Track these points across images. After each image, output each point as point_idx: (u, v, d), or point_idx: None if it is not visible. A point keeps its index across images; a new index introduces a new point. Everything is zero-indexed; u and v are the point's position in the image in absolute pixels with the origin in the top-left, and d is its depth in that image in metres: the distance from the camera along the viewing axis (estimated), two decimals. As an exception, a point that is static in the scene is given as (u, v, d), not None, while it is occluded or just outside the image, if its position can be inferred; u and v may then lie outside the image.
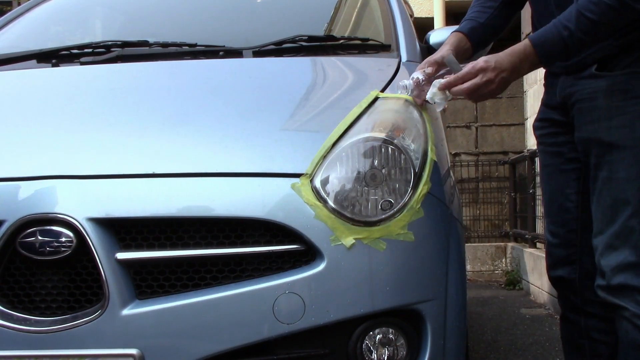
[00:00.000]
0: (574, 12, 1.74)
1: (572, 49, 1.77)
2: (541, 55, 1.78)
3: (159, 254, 1.64)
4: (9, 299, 1.65)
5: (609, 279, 1.82)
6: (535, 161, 6.29)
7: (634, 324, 1.79)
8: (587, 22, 1.72)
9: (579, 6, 1.74)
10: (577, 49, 1.78)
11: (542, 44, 1.78)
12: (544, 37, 1.78)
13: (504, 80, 1.80)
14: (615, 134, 1.80)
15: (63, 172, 1.69)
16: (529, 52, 1.79)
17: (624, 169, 1.79)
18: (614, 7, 1.70)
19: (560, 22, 1.76)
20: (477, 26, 2.11)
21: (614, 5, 1.70)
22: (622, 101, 1.80)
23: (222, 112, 1.93)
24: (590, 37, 1.75)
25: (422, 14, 8.96)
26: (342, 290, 1.64)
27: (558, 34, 1.75)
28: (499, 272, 7.30)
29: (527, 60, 1.79)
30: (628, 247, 1.79)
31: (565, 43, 1.75)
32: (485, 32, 2.13)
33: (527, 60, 1.79)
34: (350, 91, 2.09)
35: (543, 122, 2.08)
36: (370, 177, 1.70)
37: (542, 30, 1.79)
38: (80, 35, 2.91)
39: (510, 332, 4.38)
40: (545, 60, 1.81)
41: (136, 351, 1.60)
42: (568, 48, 1.76)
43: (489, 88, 1.80)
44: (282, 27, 2.66)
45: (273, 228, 1.66)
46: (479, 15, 2.12)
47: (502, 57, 1.80)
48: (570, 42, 1.75)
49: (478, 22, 2.11)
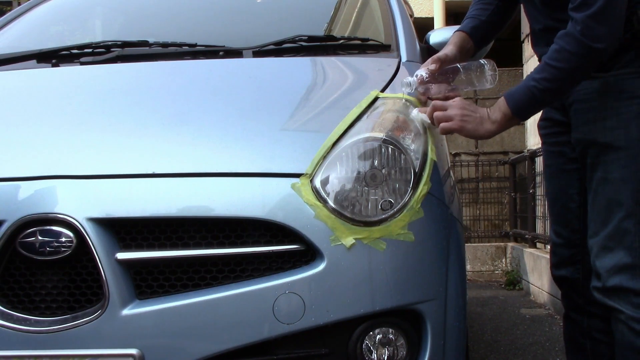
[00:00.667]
0: (541, 63, 1.79)
1: (541, 98, 1.80)
2: (511, 105, 1.82)
3: (159, 254, 1.64)
4: (9, 299, 1.65)
5: (604, 281, 1.81)
6: (535, 161, 6.29)
7: (630, 327, 1.79)
8: (553, 71, 1.76)
9: (545, 57, 1.79)
10: (548, 97, 1.82)
11: (512, 94, 1.83)
12: (515, 89, 1.84)
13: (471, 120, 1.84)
14: (609, 135, 1.80)
15: (63, 172, 1.69)
16: (501, 102, 1.84)
17: (618, 169, 1.79)
18: (575, 52, 1.73)
19: (530, 74, 1.81)
20: (478, 24, 2.13)
21: (575, 50, 1.72)
22: (616, 102, 1.80)
23: (222, 112, 1.93)
24: (558, 84, 1.78)
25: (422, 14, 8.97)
26: (342, 290, 1.64)
27: (525, 85, 1.80)
28: (499, 272, 7.30)
29: (499, 109, 1.84)
30: (622, 248, 1.78)
31: (532, 93, 1.79)
32: (486, 29, 2.15)
33: (498, 110, 1.84)
34: (350, 91, 2.09)
35: (546, 121, 2.08)
36: (370, 177, 1.70)
37: (517, 86, 1.85)
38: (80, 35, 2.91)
39: (510, 332, 4.38)
40: (516, 110, 1.82)
41: (136, 351, 1.60)
42: (536, 98, 1.79)
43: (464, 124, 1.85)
44: (282, 27, 2.66)
45: (273, 228, 1.66)
46: (480, 13, 2.14)
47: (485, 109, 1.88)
48: (537, 92, 1.78)
49: (479, 20, 2.13)
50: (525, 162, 6.67)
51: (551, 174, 2.09)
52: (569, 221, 2.03)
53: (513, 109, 1.82)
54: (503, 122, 1.84)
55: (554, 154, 2.06)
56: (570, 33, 1.73)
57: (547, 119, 2.08)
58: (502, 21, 2.19)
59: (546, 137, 2.09)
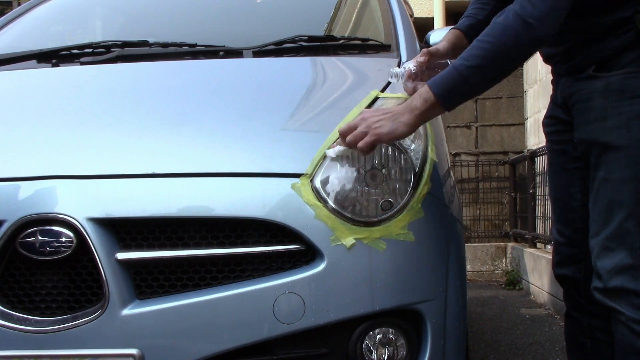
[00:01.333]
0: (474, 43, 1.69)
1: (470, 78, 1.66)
2: (434, 89, 1.67)
3: (159, 254, 1.64)
4: (9, 299, 1.65)
5: (605, 282, 1.81)
6: (535, 161, 6.29)
7: (630, 328, 1.78)
8: (483, 45, 1.66)
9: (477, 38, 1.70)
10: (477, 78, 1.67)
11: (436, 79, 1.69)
12: (440, 75, 1.70)
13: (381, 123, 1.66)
14: (610, 135, 1.79)
15: (63, 172, 1.69)
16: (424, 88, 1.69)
17: (619, 169, 1.78)
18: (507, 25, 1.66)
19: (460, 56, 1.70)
20: (475, 23, 2.11)
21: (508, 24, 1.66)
22: (617, 101, 1.79)
23: (222, 112, 1.93)
24: (487, 61, 1.66)
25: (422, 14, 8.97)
26: (342, 290, 1.64)
27: (452, 66, 1.68)
28: (499, 272, 7.30)
29: (419, 96, 1.68)
30: (624, 249, 1.78)
31: (459, 72, 1.66)
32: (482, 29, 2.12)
33: (419, 97, 1.68)
34: (350, 91, 2.09)
35: (550, 119, 2.07)
36: (370, 177, 1.70)
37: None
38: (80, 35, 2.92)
39: (511, 332, 4.38)
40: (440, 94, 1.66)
41: (136, 351, 1.60)
42: (463, 77, 1.65)
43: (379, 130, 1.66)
44: (282, 27, 2.66)
45: (273, 228, 1.66)
46: (477, 13, 2.13)
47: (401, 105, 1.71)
48: (464, 70, 1.65)
49: (476, 19, 2.11)
50: (525, 162, 6.67)
51: (554, 173, 2.08)
52: (572, 220, 2.02)
53: (436, 93, 1.66)
54: (424, 109, 1.66)
55: (557, 152, 2.05)
56: (508, 9, 1.69)
57: (551, 117, 2.07)
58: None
59: (550, 135, 2.08)
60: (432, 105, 1.67)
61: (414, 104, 1.68)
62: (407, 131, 1.68)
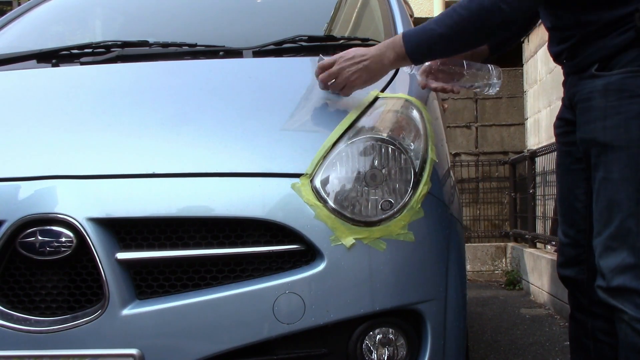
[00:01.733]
0: (449, 8, 1.81)
1: (438, 43, 1.81)
2: (407, 45, 1.82)
3: (159, 254, 1.64)
4: (9, 299, 1.65)
5: (608, 281, 1.81)
6: (535, 161, 6.29)
7: (633, 328, 1.79)
8: (454, 15, 1.78)
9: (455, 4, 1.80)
10: (442, 44, 1.82)
11: (410, 34, 1.84)
12: (414, 30, 1.85)
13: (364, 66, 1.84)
14: (610, 134, 1.80)
15: (63, 172, 1.69)
16: (397, 40, 1.84)
17: (619, 169, 1.79)
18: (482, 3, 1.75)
19: (434, 18, 1.82)
20: None
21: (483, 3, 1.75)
22: (616, 101, 1.79)
23: (222, 112, 1.93)
24: (455, 31, 1.79)
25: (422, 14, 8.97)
26: (342, 290, 1.64)
27: (425, 26, 1.82)
28: (499, 272, 7.30)
29: (392, 49, 1.84)
30: (626, 248, 1.78)
31: (430, 35, 1.80)
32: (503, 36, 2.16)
33: (392, 49, 1.84)
34: (350, 91, 2.08)
35: (560, 120, 2.08)
36: (370, 177, 1.70)
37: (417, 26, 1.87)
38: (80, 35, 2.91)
39: (511, 332, 4.38)
40: (411, 50, 1.82)
41: (136, 351, 1.60)
42: (432, 40, 1.80)
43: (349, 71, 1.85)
44: (282, 27, 2.66)
45: (273, 228, 1.66)
46: None
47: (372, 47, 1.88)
48: (435, 35, 1.80)
49: None
50: (525, 162, 6.67)
51: (561, 174, 2.09)
52: (575, 221, 2.03)
53: (408, 49, 1.83)
54: (394, 62, 1.86)
55: (564, 154, 2.07)
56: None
57: (561, 119, 2.08)
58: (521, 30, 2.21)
59: (559, 137, 2.09)
60: (402, 58, 1.84)
61: (387, 56, 1.84)
62: (379, 78, 1.88)
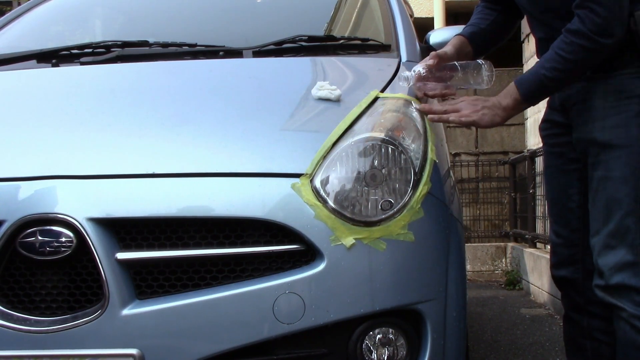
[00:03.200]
0: (551, 52, 1.84)
1: (550, 86, 1.87)
2: (522, 91, 1.89)
3: (159, 254, 1.64)
4: (9, 299, 1.65)
5: (607, 279, 1.82)
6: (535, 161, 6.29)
7: (632, 325, 1.80)
8: (563, 61, 1.82)
9: (555, 46, 1.83)
10: (556, 85, 1.89)
11: (523, 81, 1.90)
12: (526, 76, 1.91)
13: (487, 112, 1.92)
14: (609, 134, 1.82)
15: (63, 172, 1.69)
16: (512, 88, 1.90)
17: (618, 168, 1.80)
18: (585, 47, 1.78)
19: (540, 62, 1.87)
20: (478, 31, 2.16)
21: (585, 44, 1.78)
22: (616, 101, 1.82)
23: (222, 112, 1.93)
24: (567, 74, 1.84)
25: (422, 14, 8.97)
26: (342, 290, 1.64)
27: (536, 72, 1.87)
28: (499, 272, 7.30)
29: (509, 96, 1.91)
30: (624, 246, 1.80)
31: (541, 81, 1.85)
32: (485, 38, 2.19)
33: (509, 96, 1.91)
34: (350, 91, 2.08)
35: (547, 123, 2.10)
36: (370, 177, 1.70)
37: (527, 72, 1.93)
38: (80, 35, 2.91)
39: (511, 332, 4.38)
40: (526, 96, 1.90)
41: (136, 351, 1.60)
42: (544, 85, 1.86)
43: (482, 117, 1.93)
44: (282, 27, 2.66)
45: (273, 228, 1.66)
46: (480, 22, 2.18)
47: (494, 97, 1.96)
48: (546, 80, 1.84)
49: (479, 28, 2.17)
50: (525, 162, 6.67)
51: (551, 174, 2.10)
52: (569, 221, 2.04)
53: (524, 95, 1.89)
54: (514, 107, 1.91)
55: (554, 155, 2.07)
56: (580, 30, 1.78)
57: (548, 121, 2.09)
58: (502, 32, 2.24)
59: (547, 139, 2.11)
60: (520, 104, 1.92)
61: (506, 103, 1.92)
62: (499, 122, 1.96)
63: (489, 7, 2.20)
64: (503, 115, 1.92)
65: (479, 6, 2.23)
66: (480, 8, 2.22)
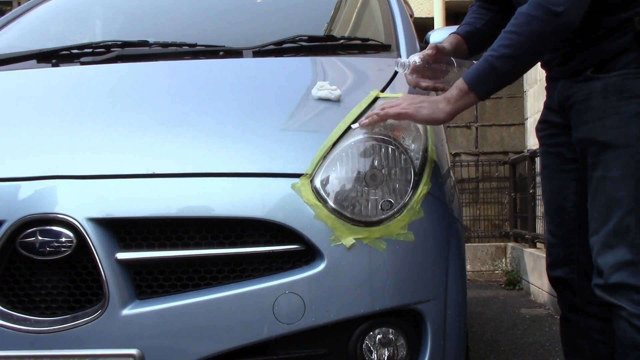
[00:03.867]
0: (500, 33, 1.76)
1: (499, 68, 1.74)
2: (467, 79, 1.77)
3: (159, 254, 1.64)
4: (9, 299, 1.65)
5: (606, 278, 1.83)
6: (535, 161, 6.29)
7: (631, 324, 1.80)
8: (511, 36, 1.73)
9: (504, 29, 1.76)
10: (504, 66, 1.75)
11: (469, 71, 1.79)
12: (473, 66, 1.80)
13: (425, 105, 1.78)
14: (609, 134, 1.82)
15: (63, 172, 1.69)
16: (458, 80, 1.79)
17: (618, 167, 1.81)
18: (534, 15, 1.71)
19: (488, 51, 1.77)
20: (473, 30, 2.16)
21: (534, 13, 1.70)
22: (616, 101, 1.82)
23: (222, 112, 1.93)
24: (517, 50, 1.73)
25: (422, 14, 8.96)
26: (342, 290, 1.64)
27: (482, 58, 1.77)
28: (499, 272, 7.30)
29: (455, 87, 1.79)
30: (624, 245, 1.80)
31: (489, 63, 1.75)
32: (481, 37, 2.18)
33: (455, 88, 1.78)
34: (350, 91, 2.09)
35: (544, 124, 2.10)
36: (370, 177, 1.70)
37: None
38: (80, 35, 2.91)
39: (511, 332, 4.38)
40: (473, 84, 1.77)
41: (136, 351, 1.60)
42: (494, 68, 1.74)
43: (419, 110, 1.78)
44: (282, 27, 2.66)
45: (273, 228, 1.66)
46: (475, 21, 2.18)
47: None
48: (495, 61, 1.74)
49: (474, 27, 2.17)
50: (525, 162, 6.67)
51: (548, 175, 2.10)
52: (565, 221, 2.04)
53: (469, 82, 1.77)
54: (459, 98, 1.77)
55: (551, 155, 2.08)
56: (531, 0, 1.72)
57: (544, 122, 2.10)
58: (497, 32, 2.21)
59: (544, 139, 2.11)
60: (465, 94, 1.77)
61: (450, 94, 1.78)
62: (443, 118, 1.79)
63: (484, 6, 2.19)
64: (446, 109, 1.77)
65: (474, 5, 2.23)
66: (475, 7, 2.22)
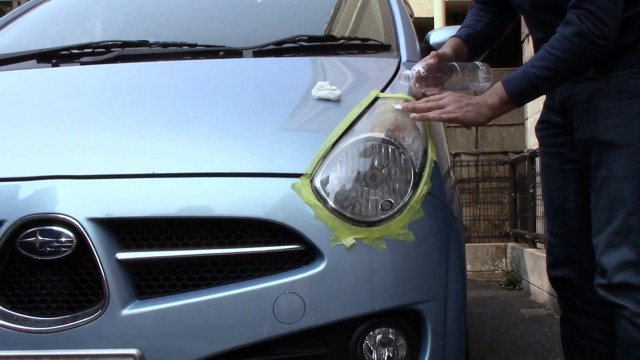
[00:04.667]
0: (542, 50, 1.81)
1: (539, 85, 1.82)
2: (509, 90, 1.83)
3: (159, 254, 1.64)
4: (9, 299, 1.65)
5: (609, 278, 1.83)
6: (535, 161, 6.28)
7: (634, 323, 1.80)
8: (554, 60, 1.78)
9: (547, 45, 1.80)
10: (546, 85, 1.84)
11: (510, 79, 1.85)
12: (514, 74, 1.86)
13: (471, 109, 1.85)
14: (612, 133, 1.82)
15: (63, 172, 1.69)
16: (499, 87, 1.85)
17: (621, 167, 1.81)
18: (579, 44, 1.76)
19: (530, 61, 1.83)
20: (473, 33, 2.17)
21: (579, 42, 1.76)
22: (618, 101, 1.82)
23: (222, 112, 1.93)
24: (558, 72, 1.81)
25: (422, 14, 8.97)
26: (342, 290, 1.64)
27: (524, 71, 1.83)
28: (499, 272, 7.30)
29: (495, 94, 1.85)
30: (627, 245, 1.80)
31: (530, 80, 1.81)
32: (481, 40, 2.19)
33: (495, 95, 1.85)
34: (350, 91, 2.09)
35: (544, 124, 2.10)
36: (370, 177, 1.70)
37: (515, 71, 1.87)
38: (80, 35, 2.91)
39: (511, 332, 4.38)
40: (514, 95, 1.84)
41: (136, 351, 1.60)
42: (534, 84, 1.82)
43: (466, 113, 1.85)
44: (282, 27, 2.66)
45: (273, 228, 1.66)
46: (475, 24, 2.18)
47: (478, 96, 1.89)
48: (536, 79, 1.81)
49: (474, 30, 2.17)
50: (525, 162, 6.67)
51: (548, 175, 2.10)
52: (565, 221, 2.04)
53: (510, 94, 1.84)
54: (500, 106, 1.85)
55: (551, 155, 2.08)
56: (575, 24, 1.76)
57: (544, 122, 2.10)
58: (497, 34, 2.24)
59: (544, 139, 2.11)
60: (506, 102, 1.85)
61: (492, 101, 1.85)
62: (483, 122, 1.88)
63: (483, 8, 2.20)
64: (488, 114, 1.86)
65: (473, 7, 2.23)
66: (474, 9, 2.22)
